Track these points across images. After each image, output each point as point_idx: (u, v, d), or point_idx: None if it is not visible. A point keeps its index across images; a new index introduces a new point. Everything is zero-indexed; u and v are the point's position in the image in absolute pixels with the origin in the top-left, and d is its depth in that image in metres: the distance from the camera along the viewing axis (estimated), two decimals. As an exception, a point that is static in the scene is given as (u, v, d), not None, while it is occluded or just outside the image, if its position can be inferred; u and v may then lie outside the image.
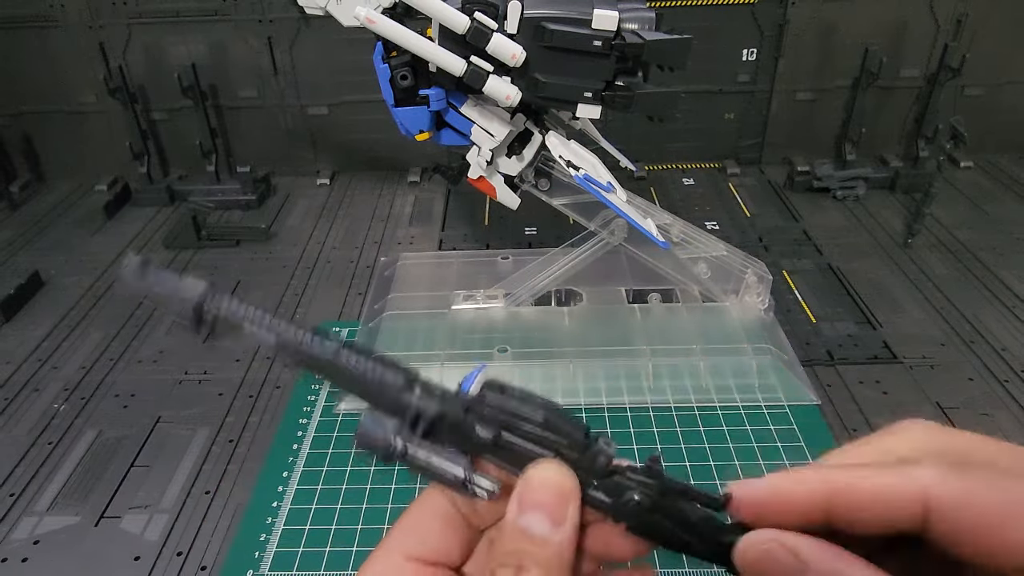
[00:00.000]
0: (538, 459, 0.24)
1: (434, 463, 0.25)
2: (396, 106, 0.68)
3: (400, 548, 0.26)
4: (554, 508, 0.23)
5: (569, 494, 0.24)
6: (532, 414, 0.24)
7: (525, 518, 0.23)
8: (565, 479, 0.24)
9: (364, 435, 0.25)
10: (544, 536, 0.23)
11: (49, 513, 0.62)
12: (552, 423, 0.24)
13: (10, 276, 0.94)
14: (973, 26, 1.11)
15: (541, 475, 0.24)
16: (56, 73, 1.15)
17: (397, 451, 0.25)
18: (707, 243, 0.78)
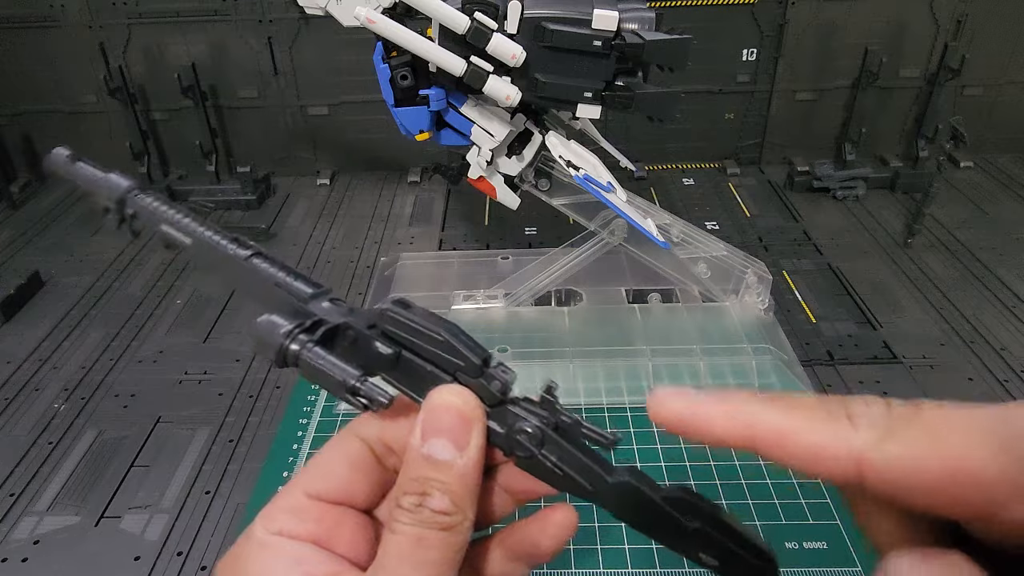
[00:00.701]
0: (439, 383, 0.24)
1: (326, 367, 0.24)
2: (396, 106, 0.68)
3: (304, 486, 0.25)
4: (457, 433, 0.23)
5: (472, 418, 0.23)
6: (433, 332, 0.24)
7: (429, 444, 0.23)
8: (468, 403, 0.24)
9: (258, 334, 0.25)
10: (448, 461, 0.23)
11: (49, 513, 0.62)
12: (450, 345, 0.24)
13: (10, 276, 0.94)
14: (973, 26, 1.11)
15: (443, 399, 0.24)
16: (56, 73, 1.15)
17: (291, 352, 0.24)
18: (707, 243, 0.78)
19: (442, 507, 0.22)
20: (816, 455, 0.19)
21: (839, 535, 0.56)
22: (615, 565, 0.54)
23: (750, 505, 0.59)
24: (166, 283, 0.94)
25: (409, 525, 0.22)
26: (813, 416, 0.19)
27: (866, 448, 0.18)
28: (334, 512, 0.25)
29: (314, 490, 0.25)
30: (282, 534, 0.24)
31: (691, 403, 0.21)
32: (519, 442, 0.24)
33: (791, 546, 0.55)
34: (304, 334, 0.25)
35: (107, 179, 0.31)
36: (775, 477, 0.61)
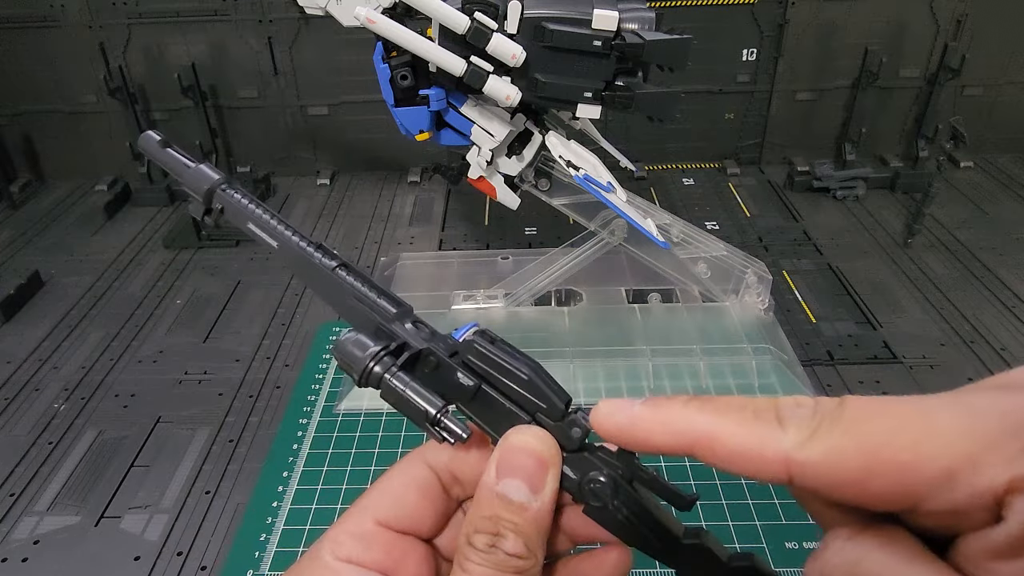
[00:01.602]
0: (517, 423, 0.24)
1: (409, 394, 0.24)
2: (396, 106, 0.68)
3: (374, 511, 0.25)
4: (534, 475, 0.23)
5: (549, 461, 0.23)
6: (517, 370, 0.24)
7: (504, 483, 0.23)
8: (546, 446, 0.23)
9: (344, 351, 0.25)
10: (523, 503, 0.22)
11: (49, 513, 0.62)
12: (534, 385, 0.23)
13: (10, 276, 0.95)
14: (973, 26, 1.11)
15: (522, 439, 0.23)
16: (56, 73, 1.15)
17: (374, 374, 0.24)
18: (707, 243, 0.78)
19: (516, 550, 0.22)
20: (745, 457, 0.19)
21: (839, 535, 0.56)
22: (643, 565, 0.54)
23: (750, 505, 0.59)
24: (166, 283, 0.94)
25: (481, 566, 0.22)
26: (742, 419, 0.19)
27: (792, 449, 0.18)
28: (402, 543, 0.25)
29: (384, 517, 0.25)
30: (351, 561, 0.24)
31: (630, 416, 0.21)
32: (592, 491, 0.23)
33: (791, 546, 0.55)
34: (389, 356, 0.24)
35: (198, 170, 0.30)
36: (775, 477, 0.61)
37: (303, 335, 0.83)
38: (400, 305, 0.26)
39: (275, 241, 0.28)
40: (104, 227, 1.09)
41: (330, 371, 0.76)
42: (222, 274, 0.96)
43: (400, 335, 0.25)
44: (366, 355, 0.24)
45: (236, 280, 0.95)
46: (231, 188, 0.29)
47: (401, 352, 0.25)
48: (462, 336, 0.25)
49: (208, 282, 0.94)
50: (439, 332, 0.26)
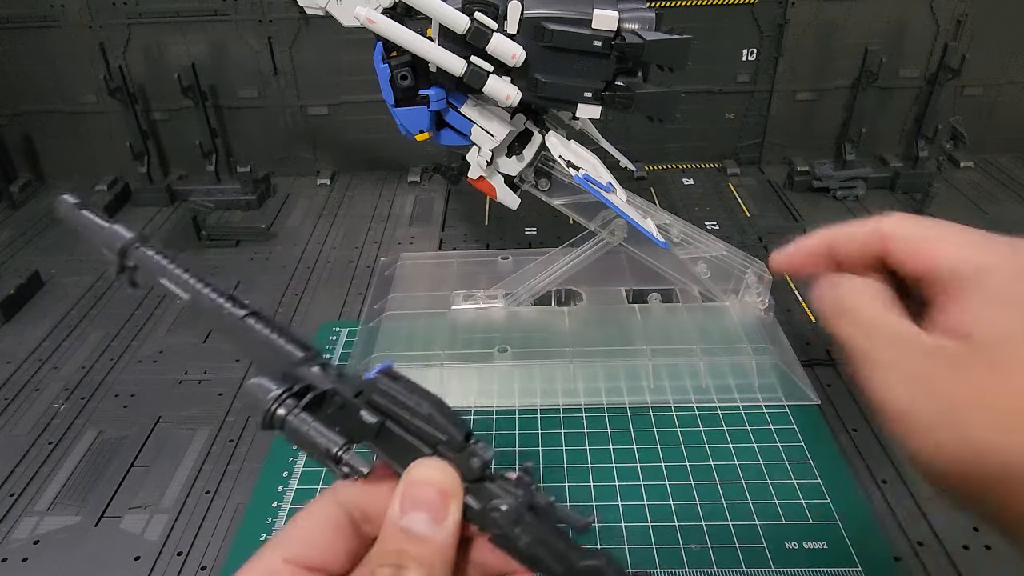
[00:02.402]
0: (420, 456, 0.24)
1: (311, 434, 0.25)
2: (396, 106, 0.68)
3: (282, 550, 0.25)
4: (436, 506, 0.23)
5: (451, 492, 0.24)
6: (417, 404, 0.25)
7: (407, 517, 0.23)
8: (447, 477, 0.24)
9: (249, 396, 0.26)
10: (425, 535, 0.23)
11: (49, 513, 0.62)
12: (434, 418, 0.24)
13: (10, 276, 0.95)
14: (973, 26, 1.11)
15: (423, 472, 0.24)
16: (56, 73, 1.15)
17: (277, 417, 0.25)
18: (707, 243, 0.78)
19: None
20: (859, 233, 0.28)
21: (839, 535, 0.56)
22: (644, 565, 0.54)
23: (750, 505, 0.59)
24: (166, 283, 0.94)
25: None
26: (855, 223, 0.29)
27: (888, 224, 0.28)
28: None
29: (292, 555, 0.25)
30: None
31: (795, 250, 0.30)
32: (494, 520, 0.24)
33: (791, 546, 0.55)
34: (292, 399, 0.25)
35: (111, 230, 0.30)
36: (775, 477, 0.61)
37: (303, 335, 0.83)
38: (308, 349, 0.28)
39: (187, 294, 0.29)
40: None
41: (330, 371, 0.76)
42: (222, 274, 0.96)
43: (306, 377, 0.26)
44: (268, 398, 0.25)
45: (236, 280, 0.95)
46: (143, 246, 0.30)
47: (306, 394, 0.26)
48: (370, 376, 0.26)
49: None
50: (347, 374, 0.27)
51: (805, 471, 0.62)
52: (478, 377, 0.72)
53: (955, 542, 0.57)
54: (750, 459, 0.63)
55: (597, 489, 0.61)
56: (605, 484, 0.61)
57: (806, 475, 0.62)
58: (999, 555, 0.56)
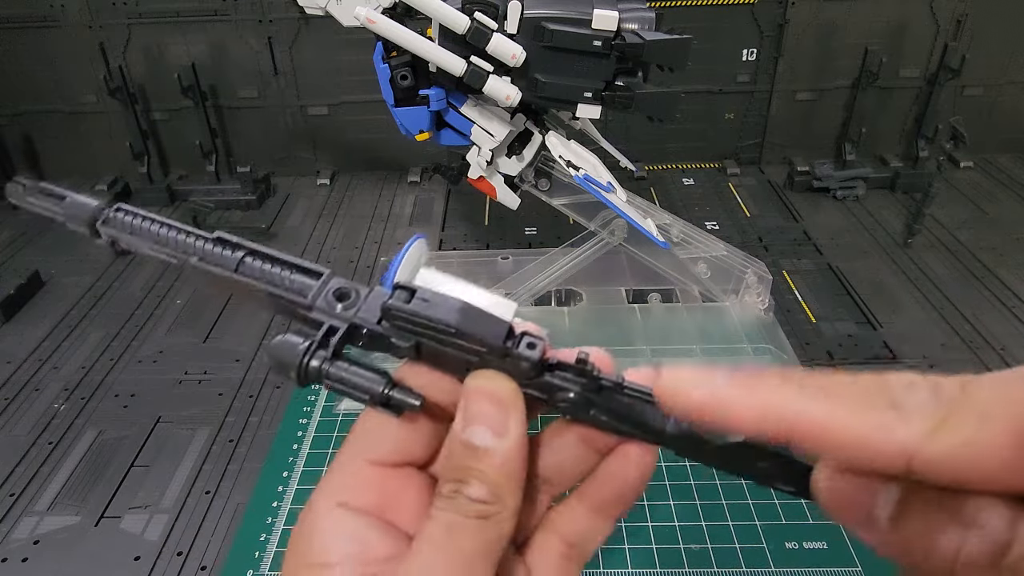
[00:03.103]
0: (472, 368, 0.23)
1: (352, 379, 0.23)
2: (396, 106, 0.68)
3: (363, 452, 0.24)
4: (494, 418, 0.22)
5: (508, 402, 0.22)
6: (444, 322, 0.22)
7: (469, 431, 0.22)
8: (502, 387, 0.22)
9: (275, 355, 0.23)
10: (487, 447, 0.22)
11: (49, 513, 0.62)
12: (463, 333, 0.22)
13: (10, 276, 0.95)
14: (973, 26, 1.11)
15: (477, 384, 0.23)
16: (56, 73, 1.15)
17: (312, 370, 0.23)
18: (707, 243, 0.78)
19: (479, 495, 0.22)
20: (857, 449, 0.17)
21: (839, 535, 0.56)
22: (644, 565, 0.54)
23: (750, 505, 0.59)
24: (166, 283, 0.94)
25: (444, 512, 0.22)
26: (854, 403, 0.18)
27: (916, 442, 0.17)
28: (396, 478, 0.24)
29: (374, 455, 0.24)
30: (346, 506, 0.23)
31: (713, 394, 0.19)
32: (564, 410, 0.23)
33: (791, 546, 0.55)
34: (321, 349, 0.23)
35: (72, 202, 0.27)
36: (775, 477, 0.61)
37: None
38: (316, 275, 0.25)
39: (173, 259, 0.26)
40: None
41: (330, 371, 0.76)
42: (222, 274, 0.96)
43: (323, 317, 0.24)
44: (296, 353, 0.23)
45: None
46: (112, 211, 0.27)
47: (330, 337, 0.23)
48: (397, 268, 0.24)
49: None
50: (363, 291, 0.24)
51: (805, 471, 0.62)
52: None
53: (955, 542, 0.57)
54: (750, 459, 0.63)
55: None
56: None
57: (806, 475, 0.62)
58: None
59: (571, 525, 0.25)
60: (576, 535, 0.25)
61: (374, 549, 0.23)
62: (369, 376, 0.23)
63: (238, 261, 0.25)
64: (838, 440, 0.17)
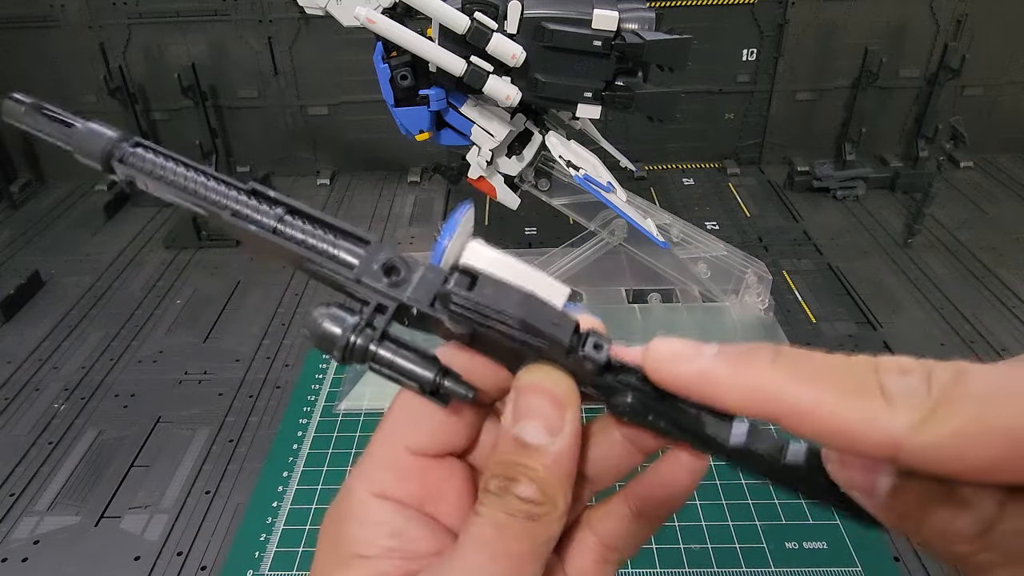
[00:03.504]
0: (527, 361, 0.22)
1: (399, 364, 0.21)
2: (396, 106, 0.68)
3: (403, 437, 0.23)
4: (549, 415, 0.21)
5: (565, 400, 0.21)
6: (507, 314, 0.21)
7: (521, 426, 0.21)
8: (560, 383, 0.21)
9: (318, 329, 0.21)
10: (539, 445, 0.21)
11: (49, 513, 0.62)
12: (531, 325, 0.21)
13: (10, 276, 0.94)
14: (973, 26, 1.11)
15: (533, 378, 0.21)
16: (56, 73, 1.15)
17: (357, 348, 0.21)
18: (707, 243, 0.78)
19: (529, 495, 0.21)
20: (844, 436, 0.17)
21: (839, 535, 0.56)
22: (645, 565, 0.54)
23: (750, 505, 0.59)
24: (166, 283, 0.94)
25: (492, 510, 0.21)
26: (842, 390, 0.17)
27: (905, 433, 0.16)
28: (439, 469, 0.23)
29: (416, 444, 0.23)
30: (385, 496, 0.22)
31: (701, 370, 0.19)
32: (621, 414, 0.22)
33: (791, 546, 0.55)
34: (369, 327, 0.21)
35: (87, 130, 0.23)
36: (775, 477, 0.61)
37: (303, 335, 0.83)
38: (364, 243, 0.22)
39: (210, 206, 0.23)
40: (104, 227, 1.09)
41: (330, 371, 0.76)
42: (222, 274, 0.96)
43: (370, 295, 0.22)
44: (345, 329, 0.21)
45: (236, 280, 0.95)
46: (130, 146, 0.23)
47: (378, 314, 0.22)
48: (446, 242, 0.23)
49: (208, 282, 0.94)
50: (416, 266, 0.22)
51: (805, 471, 0.62)
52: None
53: (955, 542, 0.57)
54: (750, 459, 0.63)
55: (597, 489, 0.61)
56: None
57: (806, 475, 0.62)
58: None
59: (612, 526, 0.24)
60: (616, 538, 0.24)
61: (415, 544, 0.22)
62: (420, 362, 0.21)
63: (278, 219, 0.22)
64: (823, 428, 0.17)
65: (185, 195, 0.23)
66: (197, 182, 0.23)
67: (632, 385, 0.21)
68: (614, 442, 0.23)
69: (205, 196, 0.23)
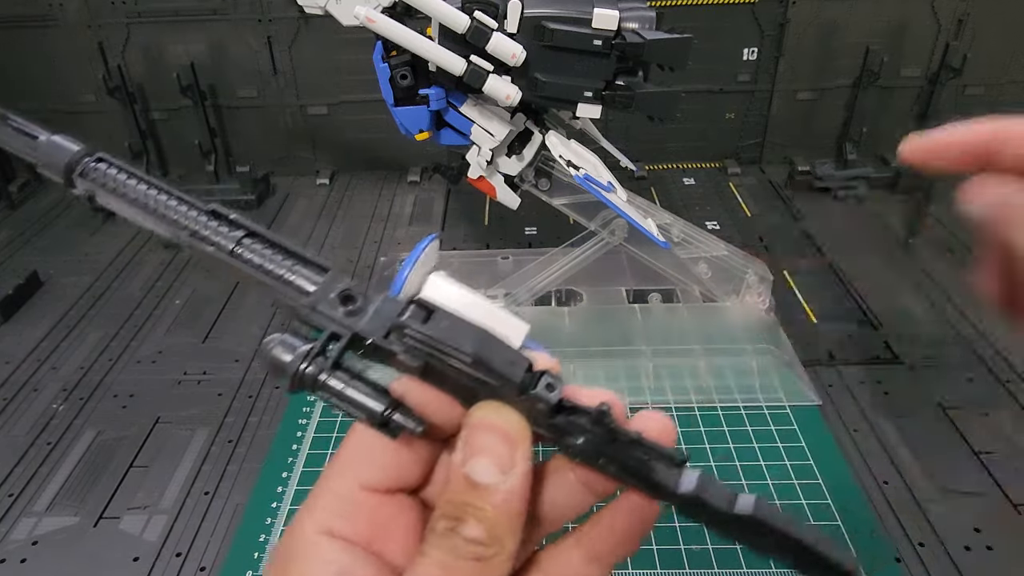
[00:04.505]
0: (480, 397, 0.21)
1: (348, 394, 0.21)
2: (396, 106, 0.68)
3: (355, 473, 0.22)
4: (500, 453, 0.21)
5: (516, 438, 0.21)
6: (461, 350, 0.21)
7: (471, 464, 0.21)
8: (511, 422, 0.21)
9: (269, 357, 0.21)
10: (489, 484, 0.20)
11: (48, 514, 0.62)
12: (483, 362, 0.21)
13: (9, 276, 0.94)
14: (974, 25, 1.10)
15: (484, 416, 0.21)
16: (55, 72, 1.15)
17: (307, 377, 0.21)
18: (707, 243, 0.78)
19: (476, 535, 0.20)
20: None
21: (840, 536, 0.56)
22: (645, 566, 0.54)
23: (751, 506, 0.59)
24: (165, 283, 0.94)
25: (438, 551, 0.20)
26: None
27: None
28: (389, 506, 0.23)
29: (367, 479, 0.23)
30: (332, 534, 0.22)
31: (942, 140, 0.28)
32: (571, 455, 0.22)
33: (792, 547, 0.55)
34: (321, 356, 0.21)
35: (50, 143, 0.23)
36: (776, 477, 0.61)
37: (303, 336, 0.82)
38: (322, 271, 0.22)
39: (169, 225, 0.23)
40: (103, 227, 1.09)
41: (330, 371, 0.76)
42: (221, 274, 0.95)
43: (324, 321, 0.22)
44: (295, 357, 0.21)
45: (236, 280, 0.94)
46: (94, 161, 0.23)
47: (331, 344, 0.22)
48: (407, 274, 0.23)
49: (207, 282, 0.94)
50: (370, 295, 0.22)
51: (806, 471, 0.62)
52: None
53: (956, 543, 0.56)
54: (751, 459, 0.63)
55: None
56: (605, 485, 0.61)
57: (807, 475, 0.61)
58: (1000, 556, 0.55)
59: (563, 570, 0.23)
60: None
61: None
62: (370, 393, 0.21)
63: (235, 242, 0.22)
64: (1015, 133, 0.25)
65: (144, 214, 0.23)
66: (157, 200, 0.23)
67: (584, 428, 0.21)
68: (567, 484, 0.23)
69: (164, 215, 0.23)
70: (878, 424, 0.68)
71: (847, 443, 0.66)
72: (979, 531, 0.57)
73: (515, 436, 0.21)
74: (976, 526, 0.58)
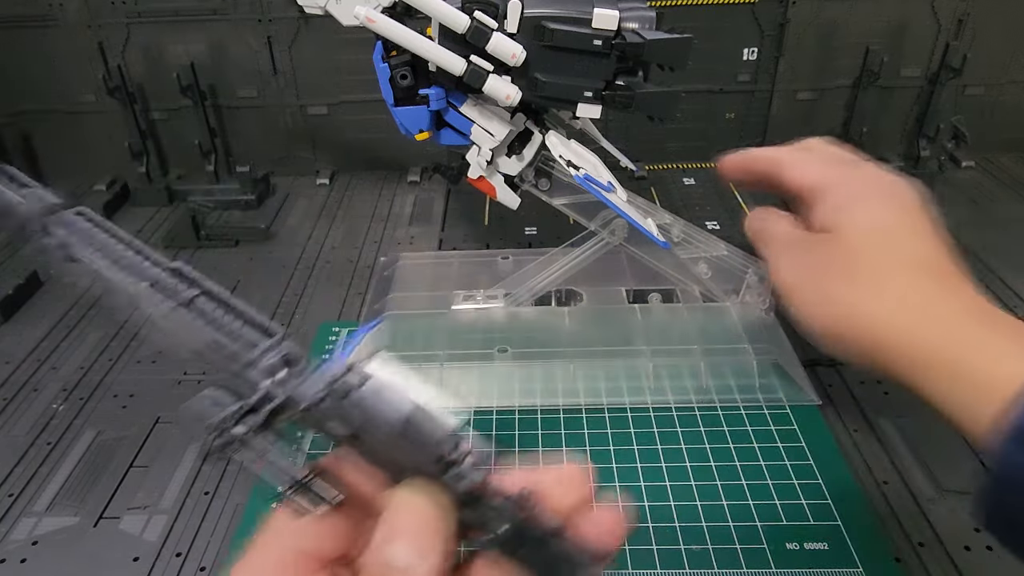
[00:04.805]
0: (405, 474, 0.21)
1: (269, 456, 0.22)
2: (396, 106, 0.68)
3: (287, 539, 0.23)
4: (418, 536, 0.21)
5: (435, 520, 0.21)
6: (388, 421, 0.21)
7: (390, 547, 0.21)
8: (431, 505, 0.21)
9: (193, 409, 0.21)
10: (406, 567, 0.20)
11: (47, 514, 0.62)
12: (409, 437, 0.21)
13: (8, 276, 0.94)
14: (975, 25, 1.10)
15: (404, 498, 0.21)
16: (55, 72, 1.15)
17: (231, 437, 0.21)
18: (708, 243, 0.77)
19: None
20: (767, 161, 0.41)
21: (840, 536, 0.56)
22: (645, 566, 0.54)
23: (751, 505, 0.59)
24: (165, 283, 0.94)
25: None
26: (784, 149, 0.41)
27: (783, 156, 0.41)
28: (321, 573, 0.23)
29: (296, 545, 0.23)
30: None
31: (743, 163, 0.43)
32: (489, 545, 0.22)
33: (792, 547, 0.55)
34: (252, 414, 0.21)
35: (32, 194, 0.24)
36: (776, 478, 0.61)
37: (303, 335, 0.82)
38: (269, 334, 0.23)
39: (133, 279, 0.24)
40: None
41: (330, 371, 0.76)
42: (221, 273, 0.95)
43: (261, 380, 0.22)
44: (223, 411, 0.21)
45: (236, 279, 0.95)
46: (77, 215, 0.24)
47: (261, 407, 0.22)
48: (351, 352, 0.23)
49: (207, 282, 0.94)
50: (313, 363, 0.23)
51: (806, 471, 0.62)
52: (478, 377, 0.72)
53: (957, 543, 0.56)
54: (751, 459, 0.63)
55: (597, 490, 0.60)
56: (605, 485, 0.61)
57: (807, 476, 0.61)
58: (1001, 556, 0.55)
59: None
60: None
61: None
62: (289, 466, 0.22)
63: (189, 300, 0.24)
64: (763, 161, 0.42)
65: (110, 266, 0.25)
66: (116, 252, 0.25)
67: (508, 513, 0.21)
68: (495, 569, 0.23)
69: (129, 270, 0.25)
70: (878, 424, 0.68)
71: (847, 443, 0.66)
72: (979, 531, 0.57)
73: (433, 518, 0.21)
74: (976, 526, 0.58)
